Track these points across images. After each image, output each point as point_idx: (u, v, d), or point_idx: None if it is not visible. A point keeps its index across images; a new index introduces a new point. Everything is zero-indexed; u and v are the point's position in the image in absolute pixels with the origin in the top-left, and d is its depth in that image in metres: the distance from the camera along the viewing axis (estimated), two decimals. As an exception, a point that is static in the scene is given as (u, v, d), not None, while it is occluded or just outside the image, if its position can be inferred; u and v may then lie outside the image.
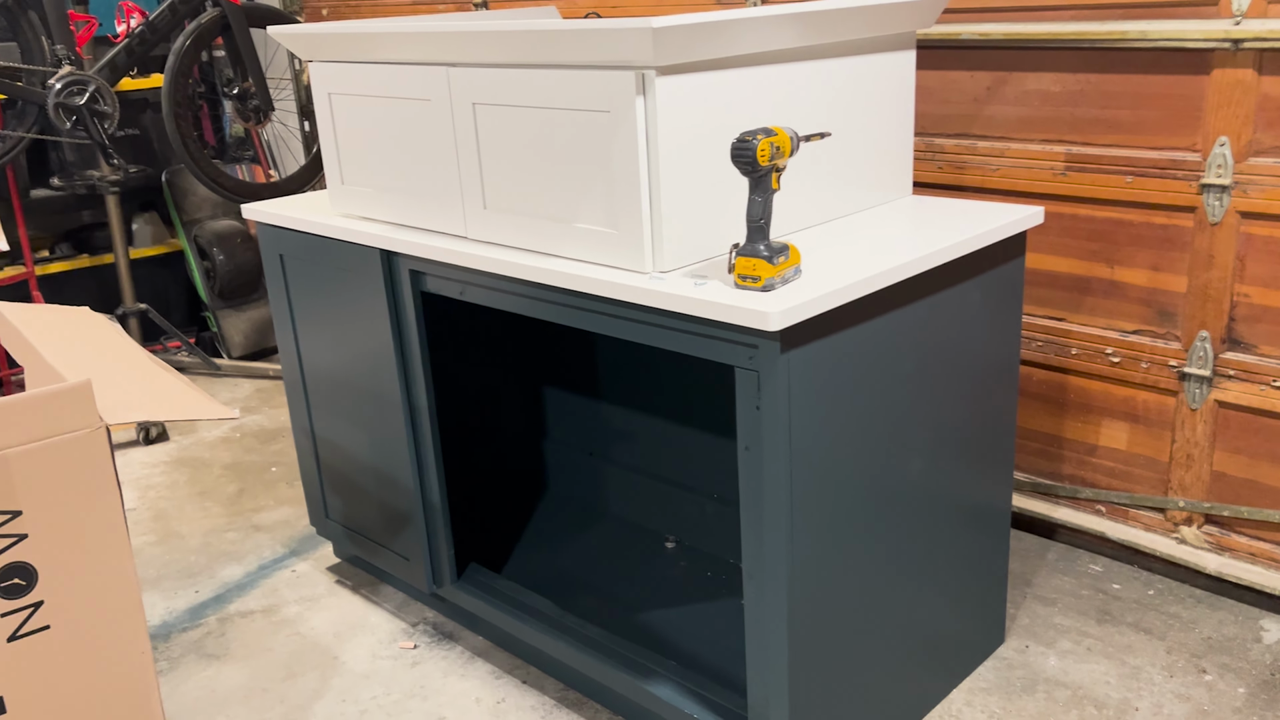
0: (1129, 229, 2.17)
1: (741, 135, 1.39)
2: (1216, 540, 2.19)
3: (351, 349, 2.13)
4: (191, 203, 4.05)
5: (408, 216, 1.96)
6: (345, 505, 2.34)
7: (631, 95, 1.47)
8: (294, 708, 2.03)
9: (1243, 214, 2.01)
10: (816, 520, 1.55)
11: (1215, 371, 2.11)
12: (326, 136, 2.06)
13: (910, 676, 1.84)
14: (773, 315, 1.37)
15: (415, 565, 2.18)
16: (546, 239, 1.70)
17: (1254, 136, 1.96)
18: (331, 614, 2.33)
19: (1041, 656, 2.04)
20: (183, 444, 3.29)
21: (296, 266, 2.20)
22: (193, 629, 2.31)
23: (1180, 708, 1.88)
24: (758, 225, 1.43)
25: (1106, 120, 2.15)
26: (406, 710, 2.00)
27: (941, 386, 1.74)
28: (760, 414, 1.47)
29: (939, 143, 2.41)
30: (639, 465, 2.46)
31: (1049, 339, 2.34)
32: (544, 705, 1.99)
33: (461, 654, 2.16)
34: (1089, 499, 2.36)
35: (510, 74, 1.64)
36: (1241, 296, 2.05)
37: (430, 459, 2.05)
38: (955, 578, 1.90)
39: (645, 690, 1.79)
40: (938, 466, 1.78)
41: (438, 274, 1.89)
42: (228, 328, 4.01)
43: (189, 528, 2.76)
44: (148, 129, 4.02)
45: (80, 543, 1.36)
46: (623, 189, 1.54)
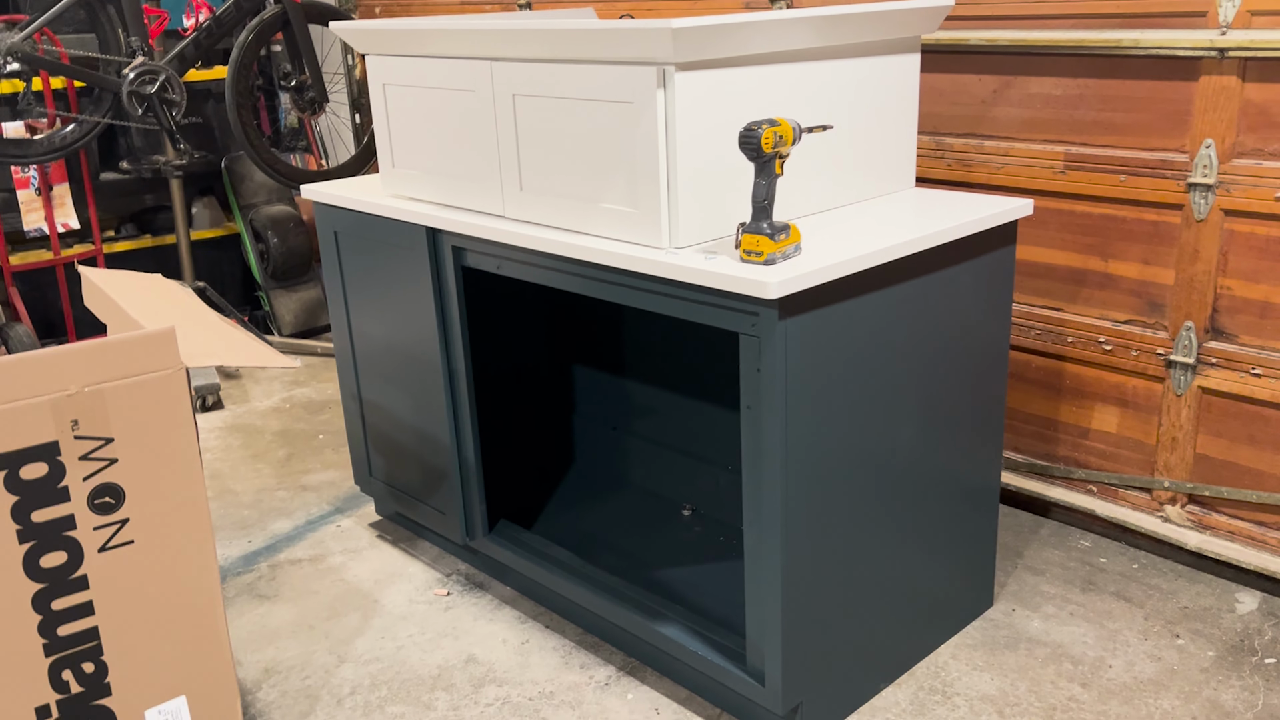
0: (1122, 225, 2.32)
1: (748, 124, 1.57)
2: (1198, 519, 2.33)
3: (397, 319, 2.33)
4: (248, 188, 4.29)
5: (451, 197, 2.16)
6: (388, 464, 2.55)
7: (653, 88, 1.65)
8: (338, 641, 2.23)
9: (1226, 211, 2.15)
10: (810, 474, 1.72)
11: (1199, 359, 2.25)
12: (380, 123, 2.27)
13: (900, 629, 2.01)
14: (771, 285, 1.54)
15: (451, 518, 2.38)
16: (575, 217, 1.89)
17: (1237, 139, 2.11)
18: (372, 564, 2.54)
19: (1026, 619, 2.20)
20: (236, 412, 3.52)
21: (349, 243, 2.40)
22: (246, 573, 2.52)
23: (1151, 666, 2.03)
24: (761, 206, 1.60)
25: (1103, 122, 2.30)
26: (439, 647, 2.20)
27: (933, 362, 1.91)
28: (760, 376, 1.64)
29: (948, 141, 2.57)
30: (659, 438, 2.63)
31: (1046, 328, 2.48)
32: (564, 646, 2.18)
33: (491, 601, 2.35)
34: (1081, 479, 2.51)
35: (546, 68, 1.83)
36: (1224, 289, 2.19)
37: (466, 419, 2.25)
38: (945, 542, 2.06)
39: (655, 630, 1.97)
40: (929, 436, 1.95)
41: (477, 249, 2.08)
42: (279, 307, 4.24)
43: (242, 486, 2.98)
44: (210, 118, 4.26)
45: (161, 469, 1.57)
46: (643, 172, 1.72)
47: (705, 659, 1.89)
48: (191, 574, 1.63)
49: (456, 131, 2.08)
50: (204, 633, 1.66)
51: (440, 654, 2.18)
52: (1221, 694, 1.94)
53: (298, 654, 2.20)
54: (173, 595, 1.62)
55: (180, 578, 1.62)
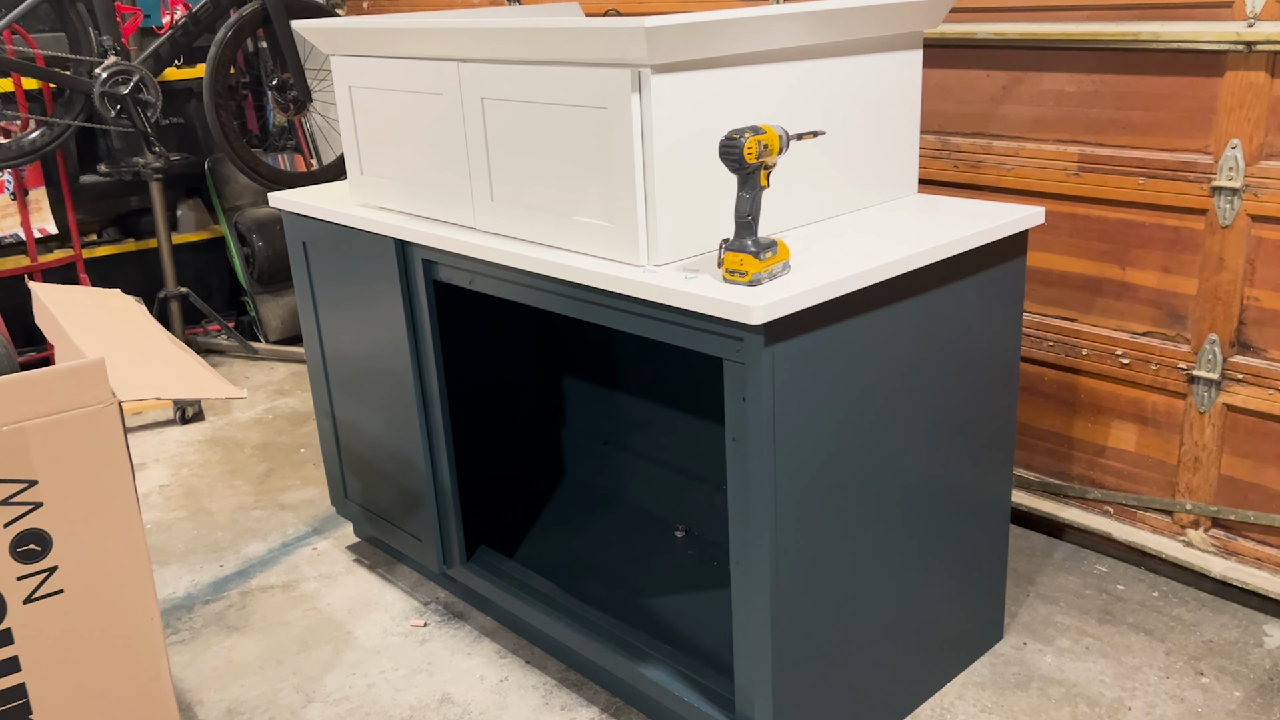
0: (1140, 230, 2.17)
1: (729, 133, 1.43)
2: (1223, 544, 2.18)
3: (369, 335, 2.19)
4: (233, 190, 4.17)
5: (422, 207, 2.02)
6: (363, 486, 2.42)
7: (627, 92, 1.51)
8: (306, 678, 2.11)
9: (1253, 217, 2.00)
10: (802, 510, 1.58)
11: (1224, 375, 2.10)
12: (347, 128, 2.13)
13: (902, 668, 1.87)
14: (755, 309, 1.40)
15: (427, 546, 2.25)
16: (549, 231, 1.75)
17: (1266, 139, 1.95)
18: (348, 591, 2.41)
19: (1039, 654, 2.06)
20: (217, 424, 3.40)
21: (318, 254, 2.27)
22: (215, 601, 2.40)
23: (1173, 709, 1.89)
24: (745, 221, 1.46)
25: (1120, 121, 2.15)
26: (413, 685, 2.07)
27: (938, 383, 1.76)
28: (746, 405, 1.50)
29: (955, 141, 2.42)
30: (653, 455, 2.50)
31: (1060, 339, 2.34)
32: (545, 685, 2.05)
33: (470, 633, 2.22)
34: (1097, 499, 2.36)
35: (516, 70, 1.69)
36: (1251, 300, 2.04)
37: (441, 443, 2.11)
38: (952, 573, 1.92)
39: (639, 673, 1.84)
40: (934, 462, 1.80)
41: (449, 263, 1.95)
42: (265, 313, 4.12)
43: (218, 505, 2.86)
44: (192, 118, 4.13)
45: (93, 512, 1.44)
46: (619, 183, 1.58)
47: (692, 706, 1.76)
48: (130, 624, 1.50)
49: (425, 137, 1.95)
50: (145, 687, 1.54)
51: (414, 693, 2.05)
52: (1250, 741, 1.80)
53: (263, 692, 2.07)
54: (109, 648, 1.49)
55: (117, 629, 1.49)
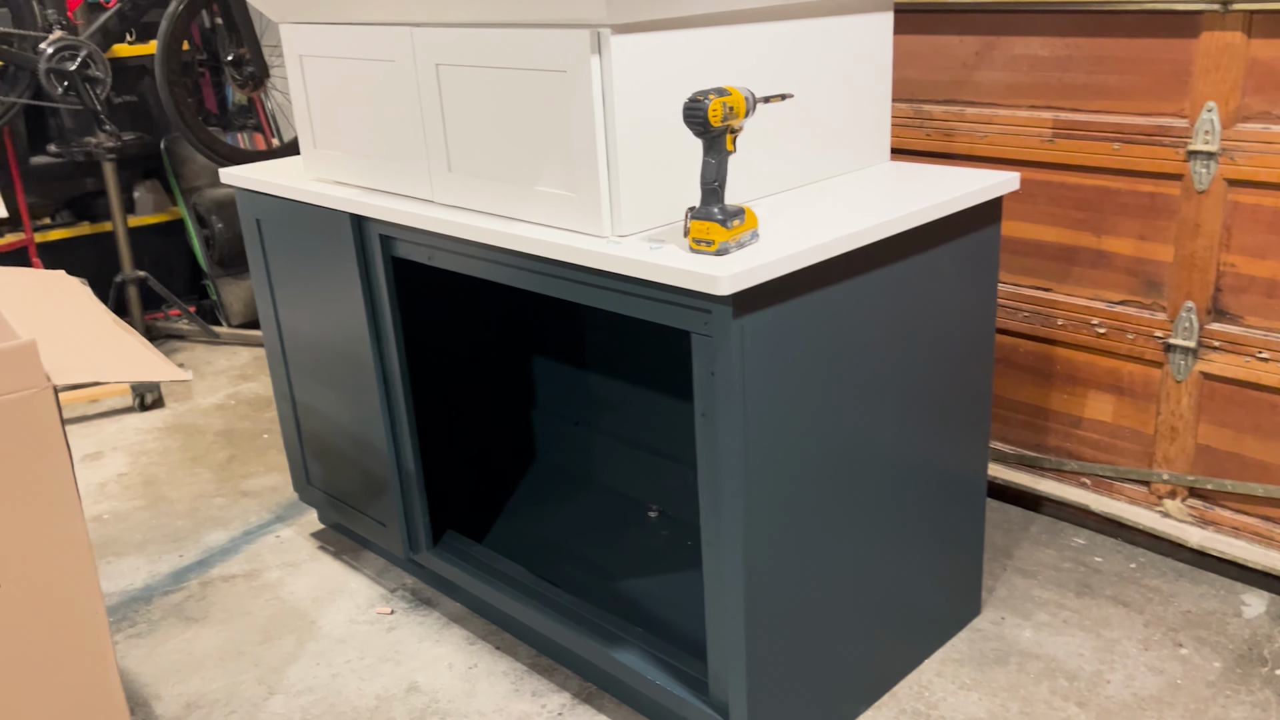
0: (1116, 197, 2.13)
1: (693, 95, 1.37)
2: (1200, 514, 2.16)
3: (327, 315, 2.12)
4: (191, 170, 4.06)
5: (378, 180, 1.95)
6: (326, 471, 2.35)
7: (586, 54, 1.45)
8: (269, 670, 2.04)
9: (1230, 181, 1.96)
10: (774, 487, 1.54)
11: (1201, 343, 2.07)
12: (299, 99, 2.05)
13: (879, 646, 1.83)
14: (723, 280, 1.35)
15: (392, 531, 2.18)
16: (509, 202, 1.68)
17: (1242, 101, 1.91)
18: (312, 579, 2.34)
19: (1017, 628, 2.03)
20: (178, 410, 3.31)
21: (273, 231, 2.19)
22: (174, 592, 2.33)
23: (1153, 680, 1.86)
24: (711, 188, 1.40)
25: (1094, 85, 2.10)
26: (379, 674, 2.01)
27: (911, 353, 1.72)
28: (715, 380, 1.45)
29: (927, 109, 2.37)
30: (625, 435, 2.45)
31: (1035, 309, 2.30)
32: (515, 671, 2.00)
33: (438, 620, 2.17)
34: (1074, 471, 2.33)
35: (471, 33, 1.62)
36: (1228, 266, 2.01)
37: (404, 425, 2.05)
38: (928, 548, 1.88)
39: (611, 656, 1.79)
40: (908, 435, 1.76)
41: (407, 239, 1.88)
42: (227, 296, 4.02)
43: (178, 493, 2.78)
44: (146, 96, 4.02)
45: (28, 502, 1.37)
46: (580, 151, 1.52)
47: (665, 690, 1.71)
48: (72, 620, 1.43)
49: (379, 107, 1.87)
50: (91, 684, 1.47)
51: (380, 682, 1.99)
52: (1230, 712, 1.78)
53: (224, 685, 2.01)
54: (51, 644, 1.43)
55: (60, 624, 1.43)
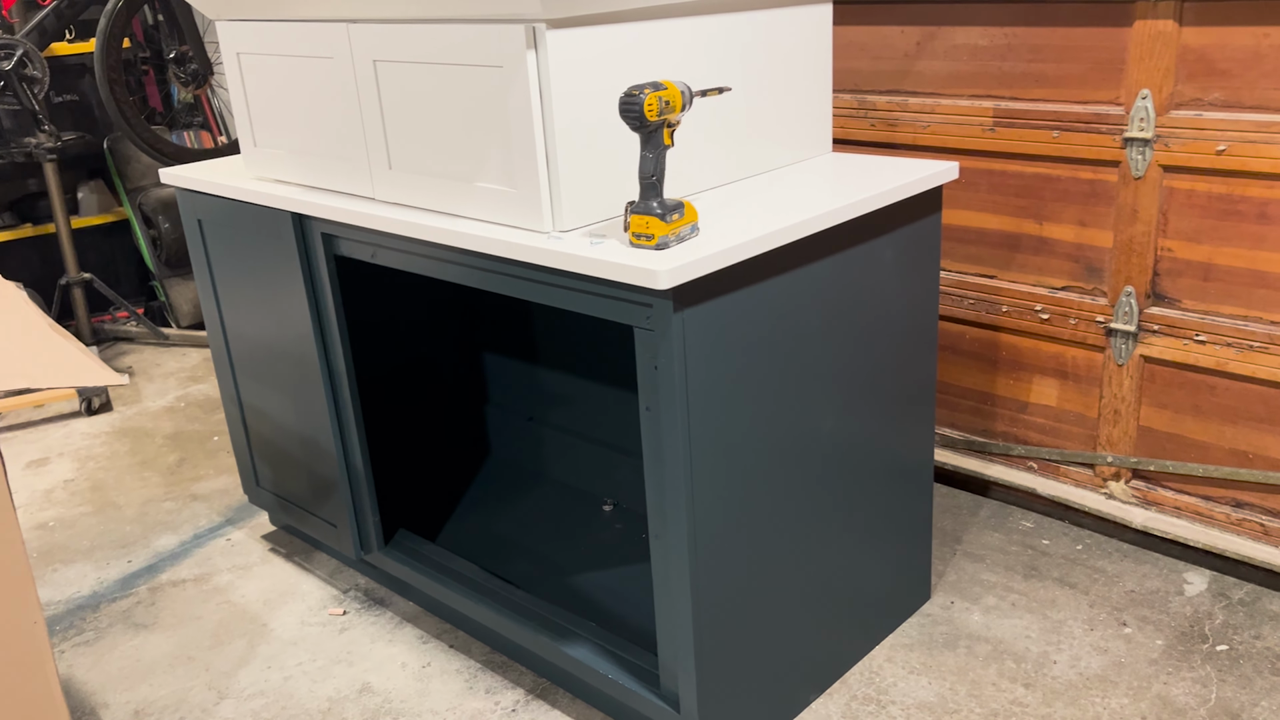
0: (1056, 184, 2.16)
1: (629, 89, 1.36)
2: (1143, 494, 2.20)
3: (271, 315, 2.10)
4: (135, 170, 3.99)
5: (319, 178, 1.93)
6: (275, 473, 2.33)
7: (522, 49, 1.44)
8: (219, 674, 2.02)
9: (1165, 168, 1.99)
10: (719, 479, 1.54)
11: (1140, 327, 2.11)
12: (237, 97, 2.02)
13: (829, 634, 1.85)
14: (662, 274, 1.35)
15: (342, 532, 2.17)
16: (450, 199, 1.67)
17: (1175, 89, 1.95)
18: (263, 582, 2.32)
19: (966, 612, 2.05)
20: (126, 414, 3.26)
21: (215, 231, 2.16)
22: (123, 599, 2.30)
23: (1097, 660, 1.89)
24: (650, 183, 1.40)
25: (1033, 74, 2.13)
26: (331, 676, 2.00)
27: (855, 342, 1.73)
28: (658, 374, 1.45)
29: (871, 99, 2.38)
30: (578, 429, 2.44)
31: (980, 297, 2.32)
32: (469, 668, 1.99)
33: (391, 619, 2.16)
34: (1021, 455, 2.36)
35: (408, 29, 1.61)
36: (1165, 251, 2.04)
37: (352, 425, 2.03)
38: (877, 535, 1.90)
39: (563, 652, 1.79)
40: (854, 423, 1.78)
41: (349, 236, 1.86)
42: (175, 297, 3.96)
43: (126, 498, 2.74)
44: (88, 95, 3.94)
45: (-38, 513, 1.34)
46: (519, 147, 1.51)
47: (617, 683, 1.71)
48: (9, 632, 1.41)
49: (318, 104, 1.85)
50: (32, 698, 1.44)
51: (332, 684, 1.98)
52: (1172, 688, 1.81)
53: (173, 691, 1.99)
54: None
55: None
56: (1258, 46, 1.84)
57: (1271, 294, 1.93)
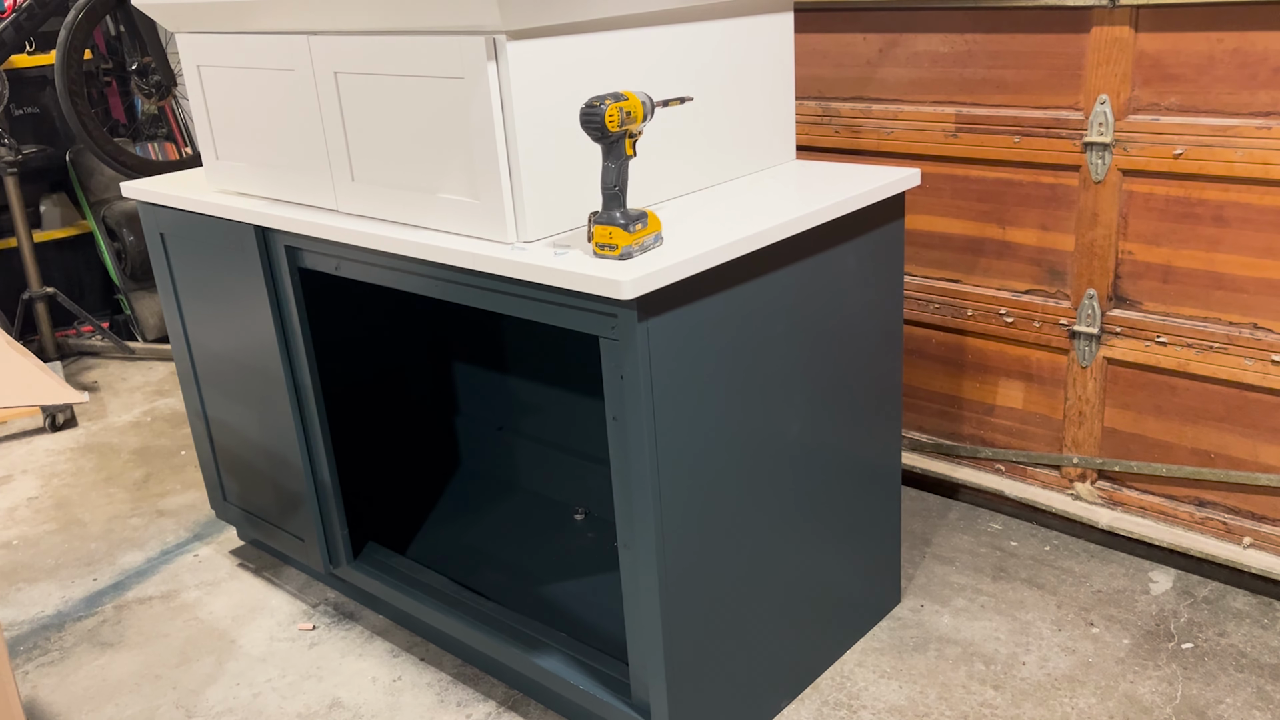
0: (1018, 189, 2.18)
1: (589, 101, 1.37)
2: (1109, 495, 2.22)
3: (235, 329, 2.08)
4: (99, 183, 3.95)
5: (282, 191, 1.92)
6: (241, 488, 2.31)
7: (483, 61, 1.44)
8: (186, 693, 2.00)
9: (1124, 171, 2.02)
10: (687, 487, 1.54)
11: (1103, 329, 2.13)
12: (198, 110, 2.01)
13: (800, 640, 1.85)
14: (625, 284, 1.35)
15: (310, 546, 2.15)
16: (413, 210, 1.67)
17: (1132, 94, 1.97)
18: (231, 598, 2.30)
19: (936, 615, 2.06)
20: (91, 430, 3.22)
21: (178, 245, 2.14)
22: (88, 618, 2.27)
23: (1065, 660, 1.91)
24: (613, 193, 1.41)
25: (993, 80, 2.15)
26: (301, 692, 1.98)
27: (820, 349, 1.74)
28: (624, 383, 1.45)
29: (835, 106, 2.40)
30: (549, 438, 2.44)
31: (945, 301, 2.34)
32: (440, 681, 1.98)
33: (361, 634, 2.14)
34: (988, 458, 2.38)
35: (368, 41, 1.60)
36: (1125, 254, 2.07)
37: (319, 439, 2.02)
38: (845, 541, 1.91)
39: (533, 663, 1.79)
40: (821, 429, 1.78)
41: (313, 249, 1.85)
42: (141, 310, 3.92)
43: (91, 515, 2.71)
44: (49, 107, 3.90)
45: (-83, 535, 1.32)
46: (481, 158, 1.51)
47: (588, 693, 1.71)
48: (-32, 653, 1.39)
49: (280, 117, 1.84)
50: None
51: (302, 699, 1.96)
52: (1139, 687, 1.83)
53: (140, 710, 1.96)
54: (-53, 680, 1.38)
55: (-46, 659, 1.38)
56: (1211, 51, 1.87)
57: (1228, 295, 1.96)
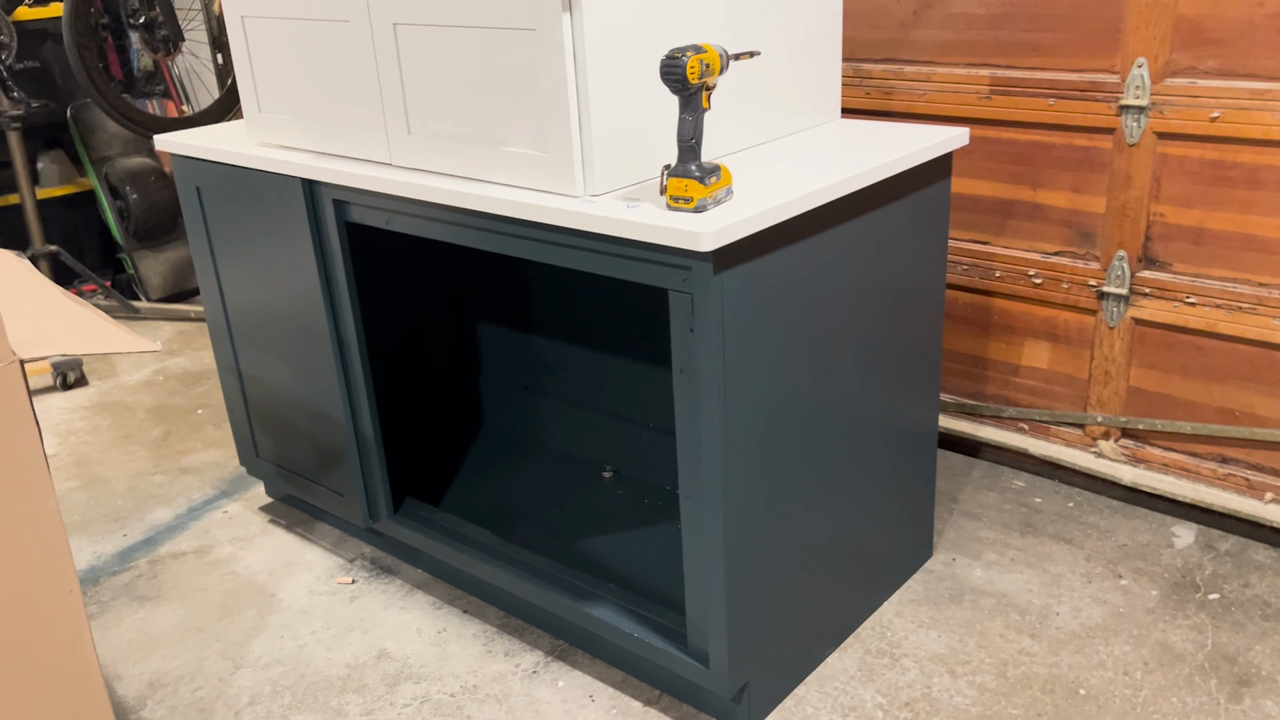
0: (1051, 151, 2.21)
1: (671, 52, 1.38)
2: (1132, 453, 2.28)
3: (276, 284, 2.08)
4: (100, 139, 3.89)
5: (330, 144, 1.91)
6: (276, 443, 2.31)
7: (557, 11, 1.44)
8: (232, 644, 2.01)
9: (1159, 134, 2.05)
10: (751, 440, 1.57)
11: (1132, 290, 2.17)
12: (241, 62, 1.99)
13: (842, 590, 1.89)
14: (705, 236, 1.37)
15: (351, 501, 2.16)
16: (474, 164, 1.67)
17: (1170, 57, 2.00)
18: (266, 553, 2.31)
19: (968, 568, 2.11)
20: (103, 389, 3.20)
21: (215, 200, 2.13)
22: (122, 572, 2.27)
23: (1097, 610, 1.97)
24: (689, 145, 1.42)
25: (1030, 43, 2.17)
26: (346, 643, 2.00)
27: (870, 308, 1.77)
28: (694, 336, 1.47)
29: (866, 68, 2.41)
30: (573, 397, 2.46)
31: (973, 262, 2.38)
32: (485, 633, 2.01)
33: (400, 587, 2.16)
34: (1012, 417, 2.43)
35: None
36: (1157, 216, 2.11)
37: (362, 393, 2.03)
38: (885, 495, 1.95)
39: (586, 613, 1.82)
40: (867, 386, 1.81)
41: (362, 203, 1.85)
42: (145, 269, 3.88)
43: (113, 472, 2.70)
44: (49, 61, 3.83)
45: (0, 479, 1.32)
46: (551, 111, 1.51)
47: (643, 642, 1.74)
48: (46, 597, 1.39)
49: (331, 69, 1.83)
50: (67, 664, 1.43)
51: (349, 651, 1.98)
52: (1170, 635, 1.89)
53: (186, 662, 1.98)
54: (25, 623, 1.39)
55: (33, 602, 1.38)
56: (1251, 16, 1.90)
57: (1260, 256, 2.01)
